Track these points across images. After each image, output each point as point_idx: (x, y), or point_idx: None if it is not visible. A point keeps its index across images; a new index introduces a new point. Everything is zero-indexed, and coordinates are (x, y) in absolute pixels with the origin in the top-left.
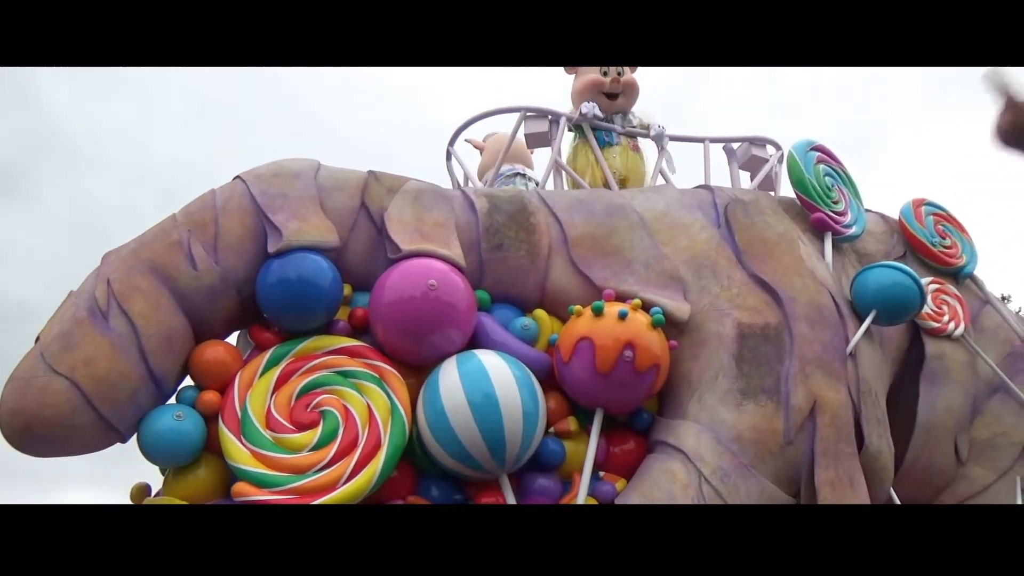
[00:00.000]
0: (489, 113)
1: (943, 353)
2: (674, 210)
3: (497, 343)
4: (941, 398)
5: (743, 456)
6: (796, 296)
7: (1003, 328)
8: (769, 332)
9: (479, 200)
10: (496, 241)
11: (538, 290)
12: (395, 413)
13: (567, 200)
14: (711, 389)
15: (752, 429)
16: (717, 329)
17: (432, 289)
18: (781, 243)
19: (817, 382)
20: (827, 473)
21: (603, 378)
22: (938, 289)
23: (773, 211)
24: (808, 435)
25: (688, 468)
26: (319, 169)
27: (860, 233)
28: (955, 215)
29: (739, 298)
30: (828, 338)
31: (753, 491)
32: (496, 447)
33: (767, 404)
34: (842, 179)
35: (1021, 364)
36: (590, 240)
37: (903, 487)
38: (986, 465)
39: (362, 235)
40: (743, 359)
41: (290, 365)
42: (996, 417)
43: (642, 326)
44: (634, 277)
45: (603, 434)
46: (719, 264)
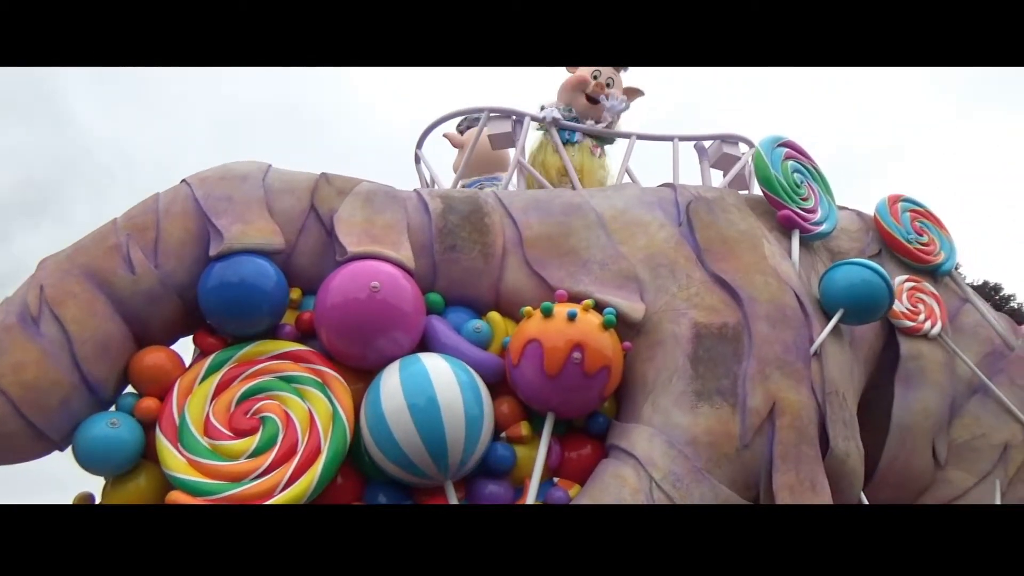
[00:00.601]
0: (453, 115)
1: (919, 353)
2: (633, 208)
3: (447, 346)
4: (917, 399)
5: (697, 460)
6: (757, 295)
7: (982, 327)
8: (727, 332)
9: (433, 201)
10: (449, 242)
11: (492, 292)
12: (336, 419)
13: (524, 200)
14: (665, 391)
15: (707, 432)
16: (673, 329)
17: (375, 291)
18: (744, 241)
19: (777, 383)
20: (786, 477)
21: (552, 381)
22: (914, 287)
23: (738, 209)
24: (766, 438)
25: (639, 473)
26: (268, 171)
27: (831, 230)
28: (934, 211)
29: (697, 297)
30: (790, 338)
31: (707, 496)
32: (437, 452)
33: (723, 406)
34: (812, 175)
35: (1001, 363)
36: (546, 240)
37: (880, 491)
38: (965, 468)
39: (311, 238)
40: (699, 360)
41: (231, 370)
42: (975, 418)
43: (592, 327)
44: (590, 277)
45: (559, 439)
46: (678, 263)
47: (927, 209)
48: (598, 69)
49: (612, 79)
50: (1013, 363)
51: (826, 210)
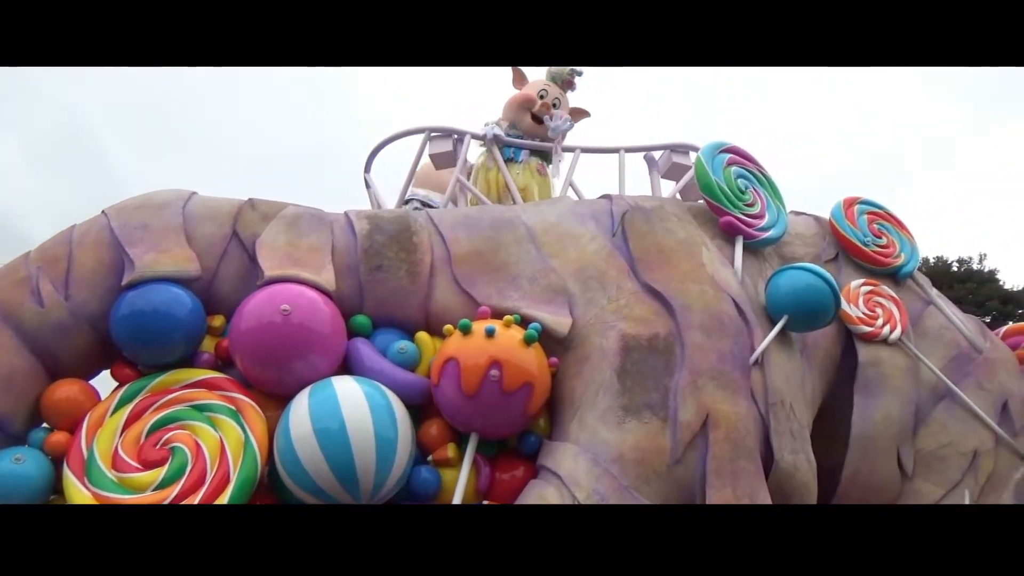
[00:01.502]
0: (395, 136)
1: (878, 359)
2: (565, 221)
3: (370, 369)
4: (878, 408)
5: (624, 478)
6: (691, 304)
7: (947, 329)
8: (657, 343)
9: (360, 222)
10: (375, 263)
11: (421, 311)
12: (247, 447)
13: (454, 217)
14: (592, 407)
15: (634, 448)
16: (601, 343)
17: (286, 314)
18: (680, 250)
19: (711, 394)
20: (721, 493)
21: (471, 400)
22: (871, 291)
23: (678, 218)
24: (700, 453)
25: (562, 493)
26: (191, 199)
27: (779, 236)
28: (894, 213)
29: (626, 309)
30: (727, 347)
31: None
32: (346, 478)
33: (652, 421)
34: (759, 180)
35: (968, 367)
36: (475, 256)
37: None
38: (933, 479)
39: (233, 264)
40: (626, 373)
41: (143, 401)
42: (942, 426)
43: (512, 343)
44: (518, 292)
45: (489, 460)
46: (608, 275)
47: (887, 211)
48: (545, 88)
49: (559, 99)
50: (980, 366)
51: (774, 215)
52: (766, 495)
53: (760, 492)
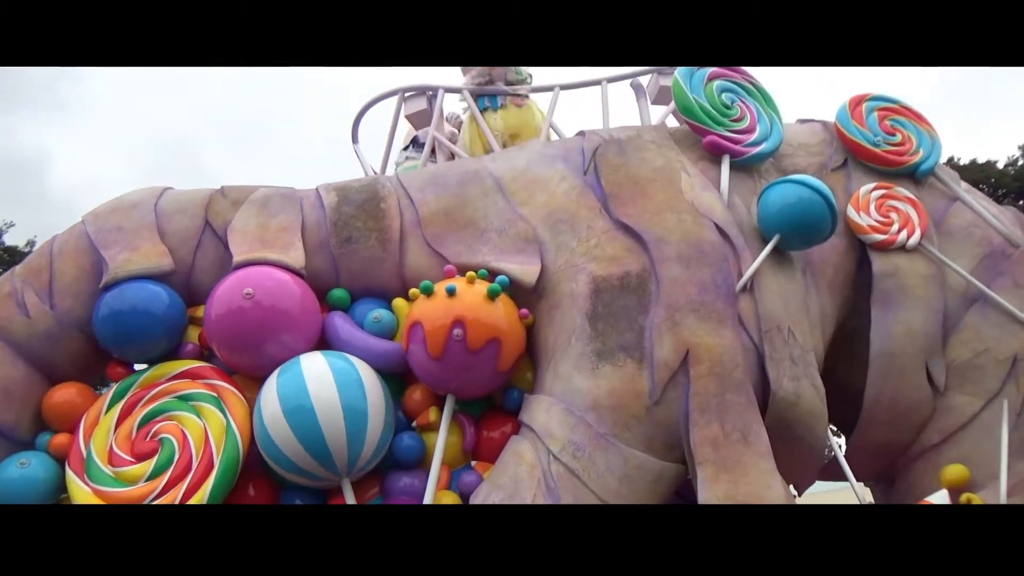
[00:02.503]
0: (372, 102)
1: (896, 269)
2: (534, 166)
3: (345, 342)
4: (898, 321)
5: (601, 425)
6: (666, 235)
7: (977, 226)
8: (629, 282)
9: (328, 195)
10: (345, 234)
11: (396, 278)
12: (229, 432)
13: (422, 178)
14: (565, 355)
15: (610, 394)
16: (571, 288)
17: (249, 298)
18: (657, 179)
19: (691, 328)
20: (706, 431)
21: (438, 362)
22: (884, 195)
23: (657, 144)
24: (682, 391)
25: (537, 447)
26: (162, 195)
27: (773, 148)
28: (910, 106)
29: (597, 249)
30: (708, 276)
31: (614, 463)
32: (320, 454)
33: (627, 363)
34: (748, 92)
35: (1002, 264)
36: (443, 216)
37: (872, 430)
38: (970, 391)
39: (209, 253)
40: (598, 316)
41: (133, 396)
42: (976, 332)
43: (475, 300)
44: (488, 246)
45: (474, 420)
46: (579, 215)
47: (902, 104)
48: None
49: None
50: (1018, 263)
51: (766, 127)
52: (760, 428)
53: (753, 425)
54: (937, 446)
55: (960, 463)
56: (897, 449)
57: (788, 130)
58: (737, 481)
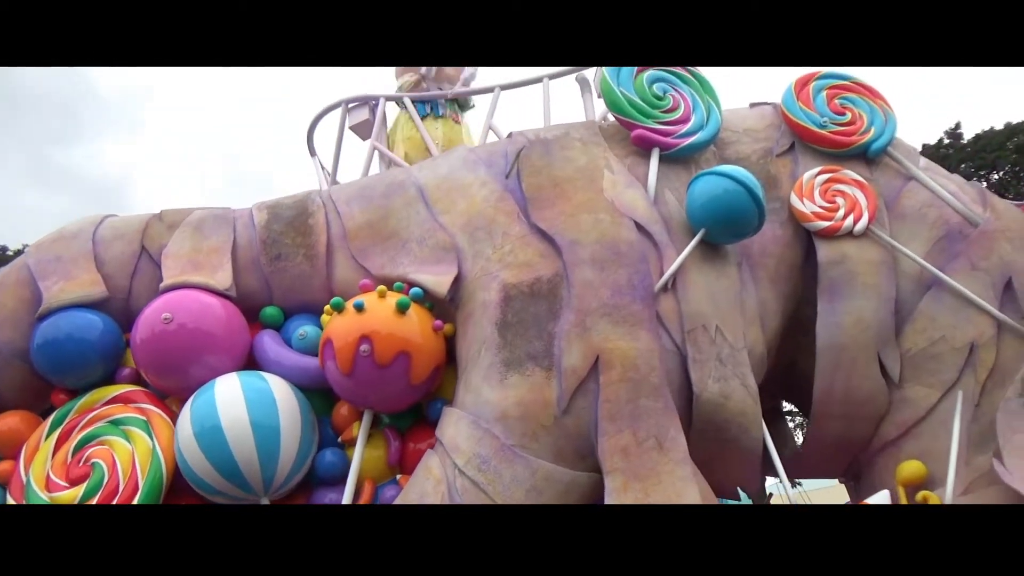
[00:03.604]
0: (319, 116)
1: (844, 256)
2: (456, 172)
3: (272, 361)
4: (847, 311)
5: (508, 437)
6: (581, 238)
7: (932, 206)
8: (540, 288)
9: (259, 214)
10: (274, 252)
11: (326, 292)
12: (154, 456)
13: (350, 191)
14: (476, 366)
15: (517, 404)
16: (484, 297)
17: (167, 323)
18: (579, 179)
19: (602, 333)
20: (616, 439)
21: (349, 378)
22: (830, 179)
23: (584, 142)
24: (592, 398)
25: (444, 461)
26: (102, 223)
27: (708, 138)
28: (864, 82)
29: (510, 256)
30: (623, 278)
31: (521, 475)
32: (232, 474)
33: (535, 372)
34: (684, 80)
35: (959, 246)
36: (368, 228)
37: (827, 424)
38: (926, 381)
39: (146, 278)
40: (507, 325)
41: (71, 422)
42: (931, 320)
43: (384, 314)
44: (409, 257)
45: (401, 433)
46: (496, 221)
47: (855, 81)
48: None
49: None
50: (974, 243)
51: (702, 117)
52: (677, 433)
53: (670, 431)
54: (896, 440)
55: (919, 458)
56: (857, 444)
57: (735, 115)
58: (649, 490)
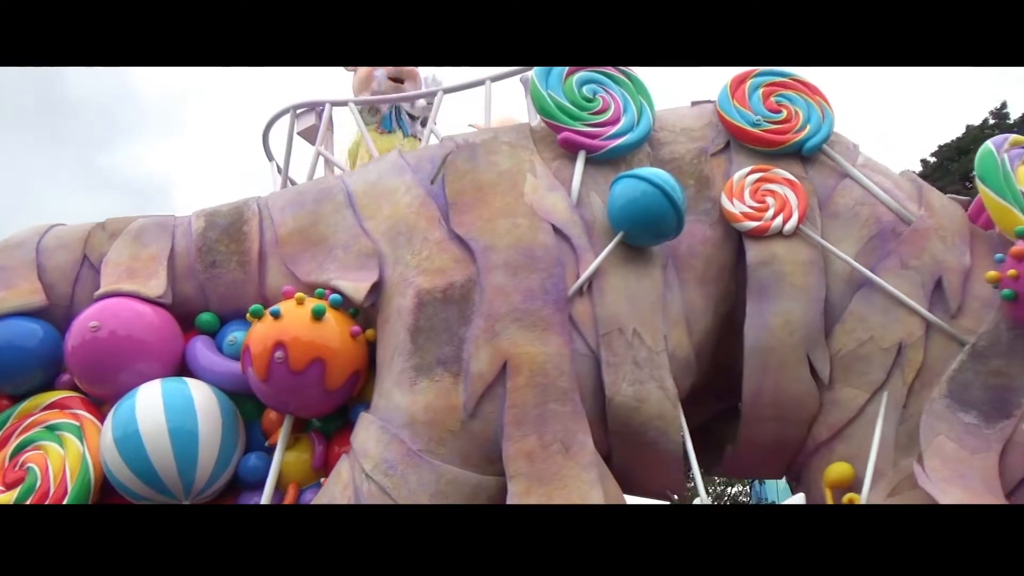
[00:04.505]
0: (271, 122)
1: (773, 257)
2: (384, 178)
3: (202, 367)
4: (774, 312)
5: (415, 442)
6: (496, 243)
7: (865, 204)
8: (453, 294)
9: (197, 221)
10: (209, 259)
11: (259, 299)
12: (83, 462)
13: (285, 198)
14: (388, 372)
15: (426, 410)
16: (399, 303)
17: (95, 331)
18: (501, 183)
19: (511, 338)
20: (521, 444)
21: (267, 384)
22: (760, 178)
23: (512, 146)
24: (499, 403)
25: (353, 466)
26: (47, 232)
27: (638, 140)
28: (803, 79)
29: (427, 261)
30: (536, 283)
31: (427, 480)
32: (150, 479)
33: (443, 377)
34: (616, 81)
35: (890, 244)
36: (298, 235)
37: (758, 426)
38: (855, 383)
39: (87, 286)
40: (419, 331)
41: (10, 427)
42: (860, 320)
43: (299, 321)
44: (335, 264)
45: (327, 437)
46: (417, 227)
47: (793, 78)
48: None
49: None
50: (906, 242)
51: (632, 118)
52: (585, 437)
53: (577, 435)
54: (828, 442)
55: (849, 460)
56: (791, 445)
57: (673, 115)
58: (552, 494)
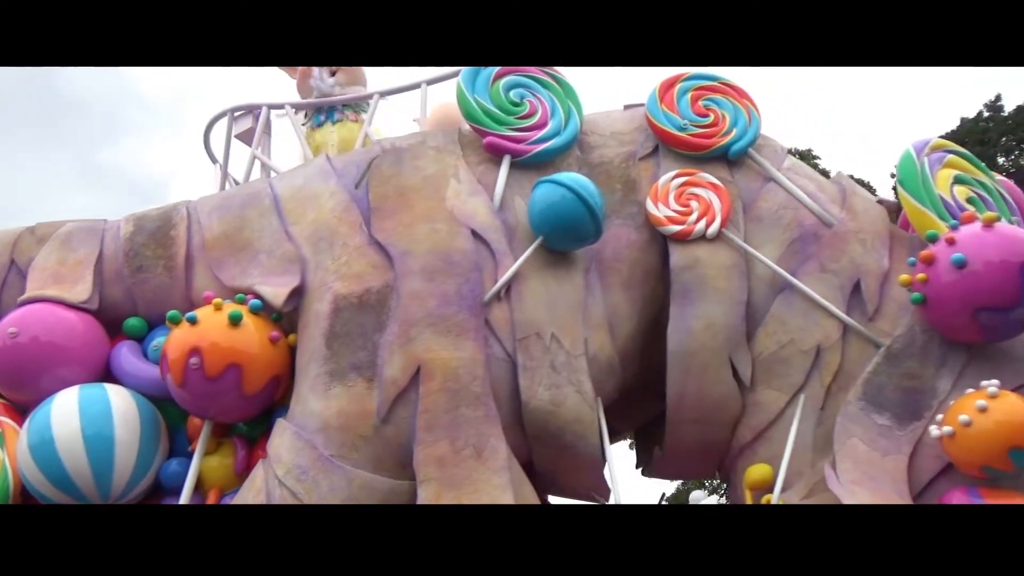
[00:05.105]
0: (211, 123)
1: (696, 260)
2: (311, 182)
3: (126, 372)
4: (696, 316)
5: (328, 447)
6: (414, 248)
7: (788, 208)
8: (369, 299)
9: (125, 225)
10: (136, 264)
11: (186, 303)
12: (3, 468)
13: (213, 202)
14: (305, 377)
15: (338, 415)
16: (318, 308)
17: (13, 337)
18: (425, 188)
19: (424, 344)
20: (432, 448)
21: (183, 389)
22: (685, 182)
23: (439, 150)
24: (412, 408)
25: (267, 472)
26: None
27: (563, 144)
28: (732, 83)
29: (346, 267)
30: (452, 288)
31: (338, 485)
32: (65, 486)
33: (357, 383)
34: (544, 85)
35: (811, 248)
36: (224, 239)
37: (683, 429)
38: (776, 385)
39: (15, 291)
40: (335, 336)
41: None
42: (781, 323)
43: (215, 326)
44: (258, 268)
45: (249, 442)
46: (339, 232)
47: (723, 82)
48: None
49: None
50: (826, 245)
51: (559, 122)
52: (498, 442)
53: (490, 440)
54: (751, 444)
55: (770, 462)
56: (717, 447)
57: (605, 118)
58: (463, 499)
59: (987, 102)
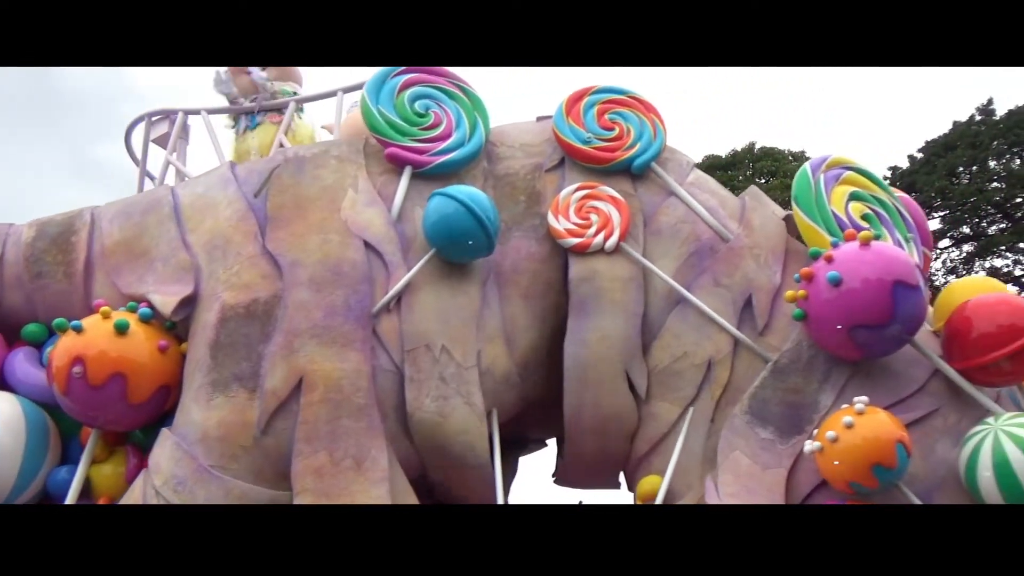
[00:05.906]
0: (131, 126)
1: (594, 273)
2: (211, 190)
3: (18, 380)
4: (592, 328)
5: (208, 458)
6: (304, 259)
7: (686, 222)
8: (256, 309)
9: (28, 231)
10: (36, 269)
11: (86, 310)
12: None
13: (115, 208)
14: (189, 387)
15: (219, 425)
16: (206, 317)
17: None
18: (321, 199)
19: (308, 355)
20: (310, 460)
21: (67, 398)
22: (586, 195)
23: (340, 160)
24: (293, 419)
25: (146, 481)
26: None
27: (467, 156)
28: (640, 97)
29: (236, 276)
30: (339, 299)
31: (215, 495)
32: None
33: (239, 393)
34: (451, 96)
35: (707, 262)
36: (122, 247)
37: (581, 440)
38: (669, 398)
39: None
40: (219, 346)
41: None
42: (675, 336)
43: (101, 335)
44: (154, 276)
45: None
46: (233, 241)
47: (630, 96)
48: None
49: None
50: (721, 260)
51: (463, 134)
52: (379, 453)
53: (371, 451)
54: (647, 455)
55: (663, 473)
56: (615, 458)
57: (516, 129)
58: None
59: (979, 106)
